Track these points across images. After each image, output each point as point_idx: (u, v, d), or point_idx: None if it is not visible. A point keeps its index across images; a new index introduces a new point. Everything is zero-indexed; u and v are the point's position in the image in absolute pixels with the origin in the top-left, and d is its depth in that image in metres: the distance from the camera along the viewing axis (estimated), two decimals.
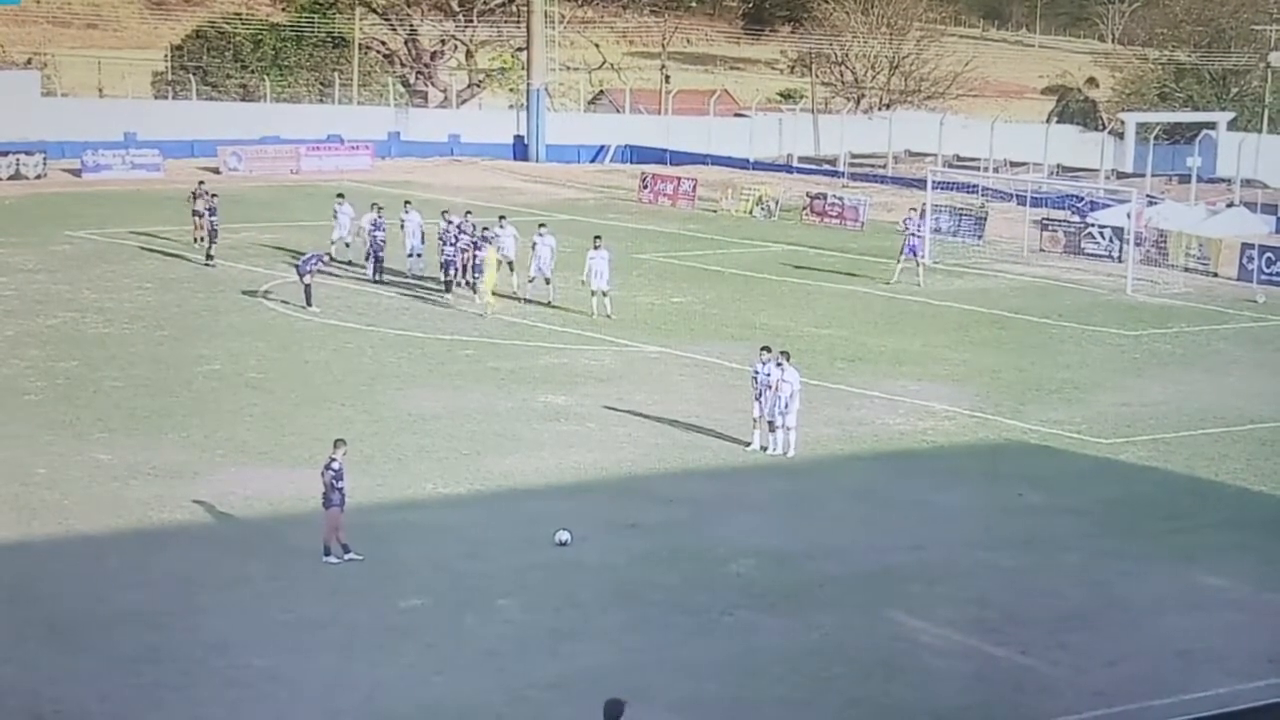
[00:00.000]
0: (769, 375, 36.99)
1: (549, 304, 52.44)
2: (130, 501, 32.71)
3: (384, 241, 55.82)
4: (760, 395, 37.15)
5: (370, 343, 47.27)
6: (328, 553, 29.53)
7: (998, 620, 27.80)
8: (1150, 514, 33.94)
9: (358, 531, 29.94)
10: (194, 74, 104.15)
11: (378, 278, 55.51)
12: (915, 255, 59.18)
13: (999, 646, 26.75)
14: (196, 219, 61.01)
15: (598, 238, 52.83)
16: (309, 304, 50.95)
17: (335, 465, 29.54)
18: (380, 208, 57.17)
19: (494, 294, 51.47)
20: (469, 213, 56.98)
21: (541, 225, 55.12)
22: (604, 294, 51.05)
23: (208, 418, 38.88)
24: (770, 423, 37.11)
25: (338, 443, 30.12)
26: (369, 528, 30.65)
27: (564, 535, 30.65)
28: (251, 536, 31.07)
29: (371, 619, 27.12)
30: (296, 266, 52.40)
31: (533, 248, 53.14)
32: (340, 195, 61.74)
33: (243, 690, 24.35)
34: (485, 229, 54.61)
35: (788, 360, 37.14)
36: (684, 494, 34.20)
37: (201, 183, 65.05)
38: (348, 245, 59.18)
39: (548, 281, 52.90)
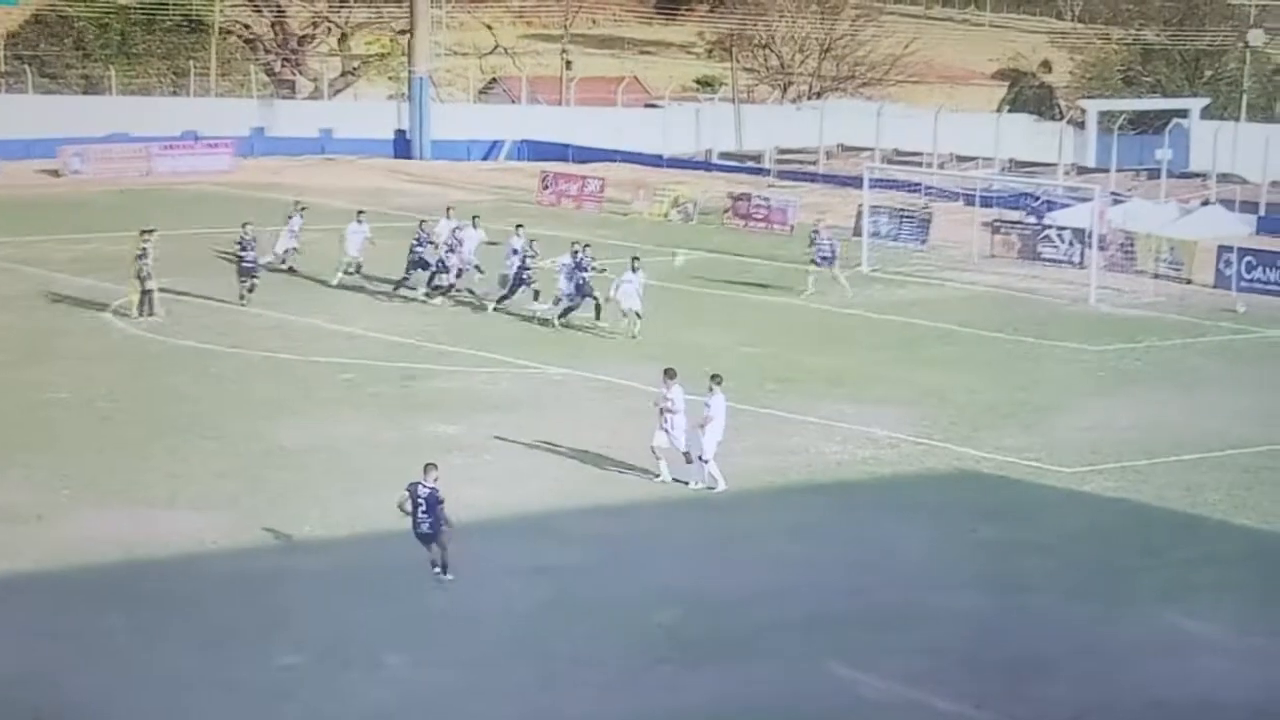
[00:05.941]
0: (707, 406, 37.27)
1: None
2: None
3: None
4: (667, 424, 37.33)
5: (234, 366, 47.23)
6: (445, 570, 31.11)
7: (950, 671, 28.03)
8: (1120, 550, 34.28)
9: (228, 580, 29.95)
10: (30, 64, 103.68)
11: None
12: (830, 264, 59.23)
13: (950, 700, 26.93)
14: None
15: (635, 258, 53.06)
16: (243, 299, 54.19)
17: (435, 492, 30.94)
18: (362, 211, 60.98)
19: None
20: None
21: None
22: (637, 314, 51.94)
23: (53, 452, 38.77)
24: (686, 454, 37.32)
25: (428, 467, 31.38)
26: (241, 575, 30.67)
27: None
28: (106, 585, 30.98)
29: (247, 677, 27.07)
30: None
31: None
32: (299, 204, 63.65)
33: None
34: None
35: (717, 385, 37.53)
36: (595, 533, 34.34)
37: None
38: (298, 251, 59.93)
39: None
